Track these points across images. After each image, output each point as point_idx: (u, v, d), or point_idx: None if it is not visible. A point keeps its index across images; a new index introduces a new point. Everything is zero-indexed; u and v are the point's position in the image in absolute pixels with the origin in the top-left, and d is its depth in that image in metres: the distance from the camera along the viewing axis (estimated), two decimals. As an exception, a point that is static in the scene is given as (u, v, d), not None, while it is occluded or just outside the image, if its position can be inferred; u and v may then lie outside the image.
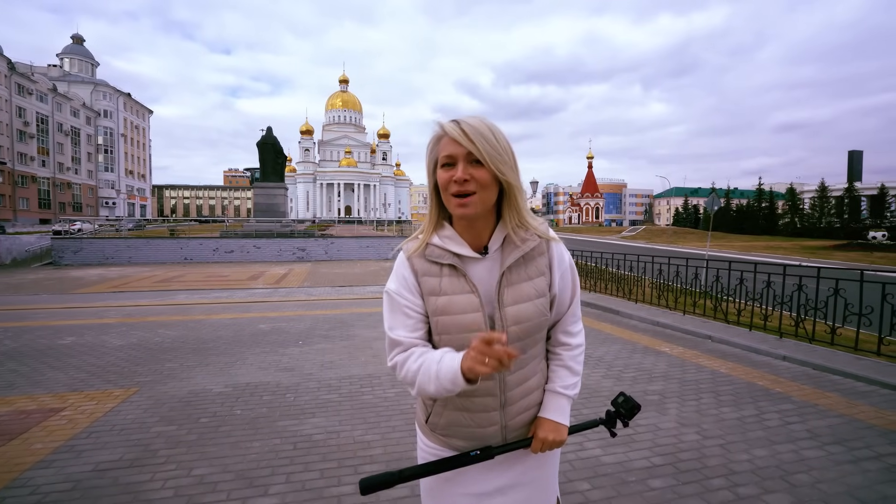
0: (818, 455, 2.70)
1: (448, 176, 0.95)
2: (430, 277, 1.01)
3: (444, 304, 0.99)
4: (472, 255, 1.01)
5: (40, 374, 4.29)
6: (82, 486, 2.38)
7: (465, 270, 1.00)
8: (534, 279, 1.02)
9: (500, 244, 1.03)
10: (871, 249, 33.78)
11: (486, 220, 1.01)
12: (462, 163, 0.94)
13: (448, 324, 0.99)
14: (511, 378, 1.03)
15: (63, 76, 61.16)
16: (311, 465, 2.59)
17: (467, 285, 0.99)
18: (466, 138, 0.92)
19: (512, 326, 0.98)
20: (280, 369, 4.45)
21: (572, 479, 2.43)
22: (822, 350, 4.86)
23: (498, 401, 1.03)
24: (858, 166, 71.50)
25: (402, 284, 1.04)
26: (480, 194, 0.95)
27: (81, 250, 18.38)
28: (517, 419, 1.06)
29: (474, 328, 0.97)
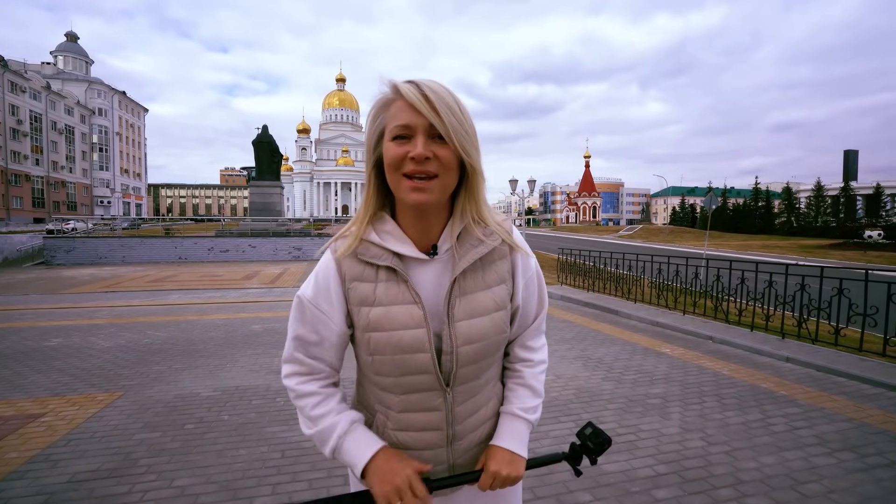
0: (828, 462, 2.59)
1: (402, 151, 0.74)
2: (361, 283, 0.81)
3: (377, 318, 0.78)
4: (418, 256, 0.81)
5: (22, 378, 4.14)
6: (56, 498, 2.25)
7: (408, 275, 0.80)
8: (492, 287, 0.83)
9: (451, 243, 0.82)
10: (867, 248, 33.88)
11: (438, 212, 0.81)
12: (422, 136, 0.73)
13: (382, 342, 0.78)
14: (460, 409, 0.84)
15: (57, 74, 60.65)
16: (299, 475, 2.46)
17: (409, 294, 0.79)
18: (429, 106, 0.72)
19: (463, 346, 0.79)
20: (271, 372, 4.32)
21: (573, 490, 2.31)
22: (826, 351, 4.77)
23: (444, 436, 0.84)
24: (854, 166, 71.83)
25: (322, 293, 0.83)
26: (442, 178, 0.75)
27: (74, 249, 18.17)
28: (468, 455, 0.87)
29: (416, 348, 0.78)
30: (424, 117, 0.72)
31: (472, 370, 0.82)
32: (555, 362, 4.62)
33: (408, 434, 0.84)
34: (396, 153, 0.74)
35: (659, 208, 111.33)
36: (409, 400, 0.82)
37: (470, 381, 0.83)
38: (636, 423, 3.14)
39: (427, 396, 0.82)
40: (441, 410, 0.82)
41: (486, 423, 0.89)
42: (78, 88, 61.51)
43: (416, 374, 0.79)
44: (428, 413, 0.82)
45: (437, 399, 0.82)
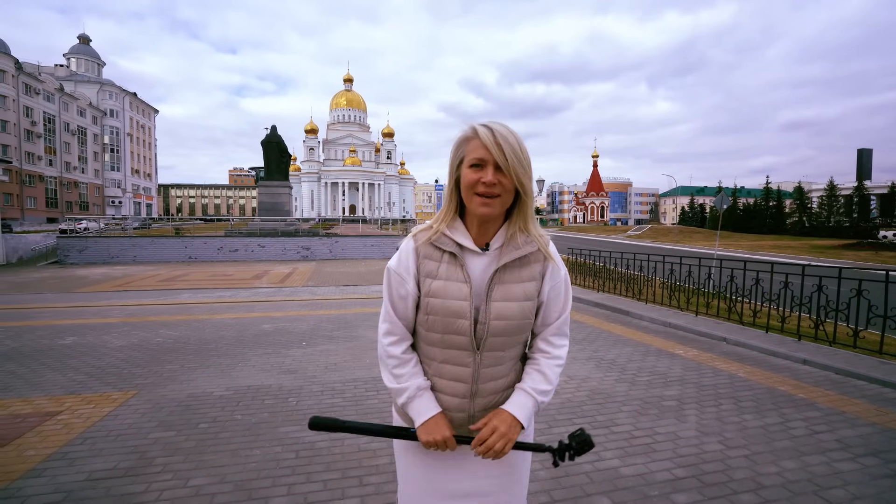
0: (852, 468, 2.53)
1: (476, 177, 1.00)
2: (430, 261, 1.08)
3: (437, 288, 1.05)
4: (474, 249, 1.07)
5: (39, 376, 4.19)
6: (73, 497, 2.26)
7: (464, 261, 1.06)
8: (525, 282, 1.06)
9: (501, 244, 1.07)
10: (881, 249, 33.26)
11: (495, 220, 1.07)
12: (491, 168, 1.00)
13: (437, 306, 1.05)
14: (485, 371, 1.08)
15: (70, 76, 61.52)
16: (314, 476, 2.46)
17: (462, 274, 1.05)
18: (499, 149, 0.99)
19: (494, 321, 1.03)
20: (283, 371, 4.33)
21: (590, 494, 2.28)
22: (845, 353, 4.68)
23: (469, 389, 1.08)
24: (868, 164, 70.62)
25: (402, 265, 1.11)
26: (504, 197, 1.02)
27: (86, 249, 18.40)
28: (485, 412, 1.09)
29: (460, 314, 1.03)
30: (493, 155, 0.99)
31: (499, 342, 1.06)
32: (567, 363, 4.56)
33: (442, 381, 1.10)
34: (473, 178, 1.02)
35: (668, 208, 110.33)
36: (448, 354, 1.08)
37: (496, 351, 1.07)
38: (652, 426, 3.10)
39: (462, 354, 1.07)
40: (470, 367, 1.07)
41: (502, 391, 1.11)
42: (90, 90, 62.34)
43: (457, 334, 1.05)
44: (460, 367, 1.08)
45: (468, 358, 1.07)
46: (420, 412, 1.08)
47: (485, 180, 0.99)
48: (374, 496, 2.26)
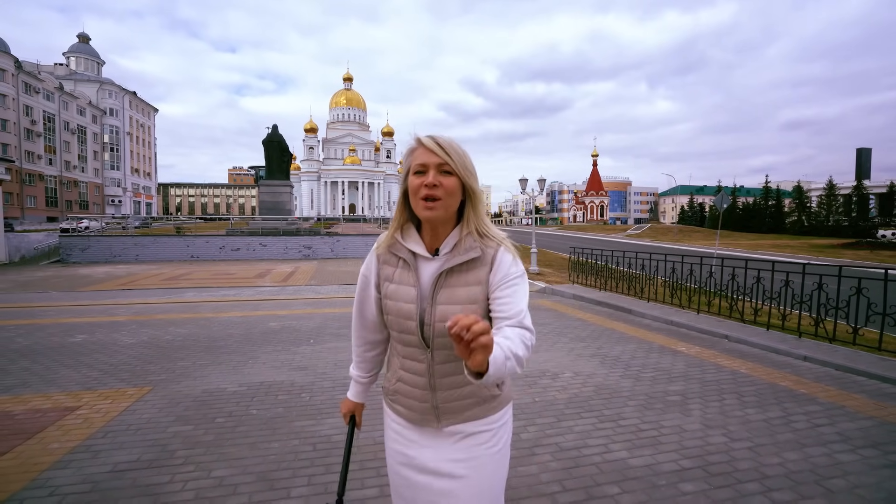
0: (853, 459, 2.62)
1: (419, 182, 1.05)
2: (388, 266, 1.17)
3: (392, 291, 1.14)
4: (425, 255, 1.13)
5: (53, 373, 4.26)
6: (101, 487, 2.34)
7: (417, 266, 1.13)
8: (470, 286, 1.09)
9: (451, 248, 1.11)
10: (880, 248, 33.39)
11: (446, 225, 1.12)
12: (433, 170, 1.05)
13: (391, 307, 1.14)
14: (440, 367, 1.12)
15: (69, 75, 61.44)
16: (333, 467, 2.54)
17: (412, 278, 1.11)
18: (441, 149, 1.05)
19: (438, 322, 1.08)
20: (293, 368, 4.41)
21: (600, 483, 2.36)
22: (845, 350, 4.77)
23: (428, 382, 1.13)
24: (867, 164, 70.74)
25: (367, 269, 1.24)
26: (445, 200, 1.06)
27: (89, 248, 18.44)
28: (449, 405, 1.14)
29: (408, 316, 1.11)
30: (437, 157, 1.05)
31: (447, 342, 1.08)
32: (572, 360, 4.66)
33: (406, 373, 1.18)
34: (416, 183, 1.07)
35: (667, 207, 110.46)
36: (406, 351, 1.16)
37: (448, 349, 1.10)
38: (657, 420, 3.18)
39: (416, 352, 1.14)
40: (424, 363, 1.13)
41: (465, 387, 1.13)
42: (90, 89, 62.28)
43: (408, 333, 1.13)
44: (416, 363, 1.15)
45: (421, 355, 1.13)
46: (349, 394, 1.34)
47: (426, 182, 1.03)
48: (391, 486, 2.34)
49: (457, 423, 1.14)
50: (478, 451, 1.13)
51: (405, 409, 1.18)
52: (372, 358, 1.31)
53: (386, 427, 1.26)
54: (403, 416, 1.19)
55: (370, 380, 1.34)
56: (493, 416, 1.16)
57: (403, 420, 1.19)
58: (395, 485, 1.21)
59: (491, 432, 1.15)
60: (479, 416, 1.14)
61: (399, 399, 1.20)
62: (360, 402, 1.34)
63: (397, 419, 1.21)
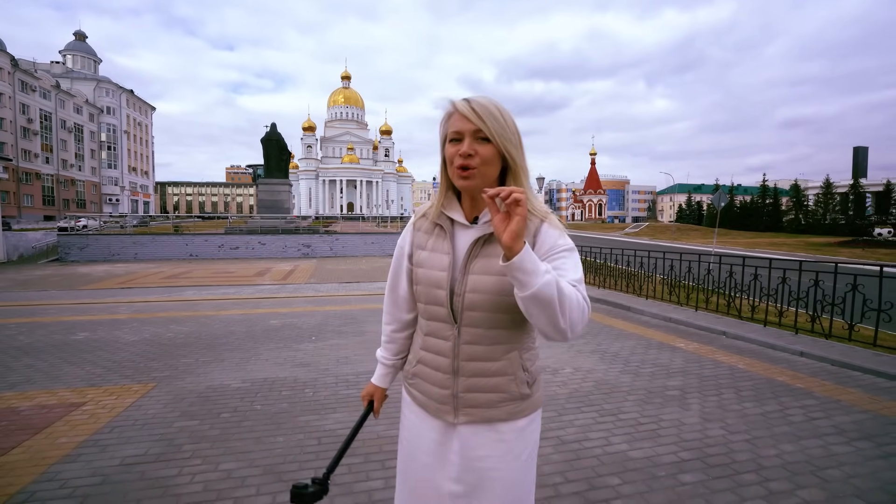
0: (847, 451, 2.67)
1: (454, 150, 0.99)
2: (422, 233, 1.13)
3: (424, 258, 1.09)
4: (463, 223, 1.07)
5: (57, 370, 4.29)
6: (111, 480, 2.38)
7: (453, 233, 1.08)
8: None
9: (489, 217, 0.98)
10: (877, 246, 33.58)
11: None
12: (468, 138, 0.97)
13: (421, 275, 1.09)
14: (466, 347, 1.04)
15: (66, 73, 61.18)
16: (338, 460, 2.57)
17: (447, 245, 1.06)
18: (475, 115, 0.96)
19: (469, 293, 1.01)
20: (296, 365, 4.45)
21: (601, 475, 2.41)
22: (841, 346, 4.83)
23: (451, 365, 1.06)
24: (864, 163, 70.97)
25: (403, 239, 1.19)
26: (481, 168, 0.98)
27: (87, 247, 18.42)
28: (471, 395, 1.04)
29: (439, 284, 1.05)
30: (472, 123, 0.97)
31: (477, 317, 1.02)
32: (572, 356, 4.71)
33: (427, 353, 1.11)
34: (450, 152, 1.01)
35: (665, 206, 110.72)
36: (432, 326, 1.10)
37: (475, 327, 1.03)
38: (657, 413, 3.23)
39: (442, 327, 1.07)
40: (450, 341, 1.06)
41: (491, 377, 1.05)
42: (87, 87, 62.03)
43: (436, 304, 1.06)
44: (441, 341, 1.08)
45: (448, 331, 1.06)
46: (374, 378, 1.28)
47: (461, 152, 0.96)
48: (396, 478, 2.39)
49: (474, 423, 1.04)
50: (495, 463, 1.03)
51: (422, 396, 1.12)
52: (401, 339, 1.23)
53: (402, 414, 1.21)
54: (420, 403, 1.13)
55: (397, 363, 1.25)
56: (518, 421, 1.06)
57: (419, 409, 1.14)
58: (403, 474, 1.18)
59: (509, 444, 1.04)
60: (501, 418, 1.04)
61: (417, 384, 1.14)
62: (382, 386, 1.26)
63: (414, 408, 1.16)
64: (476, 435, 1.04)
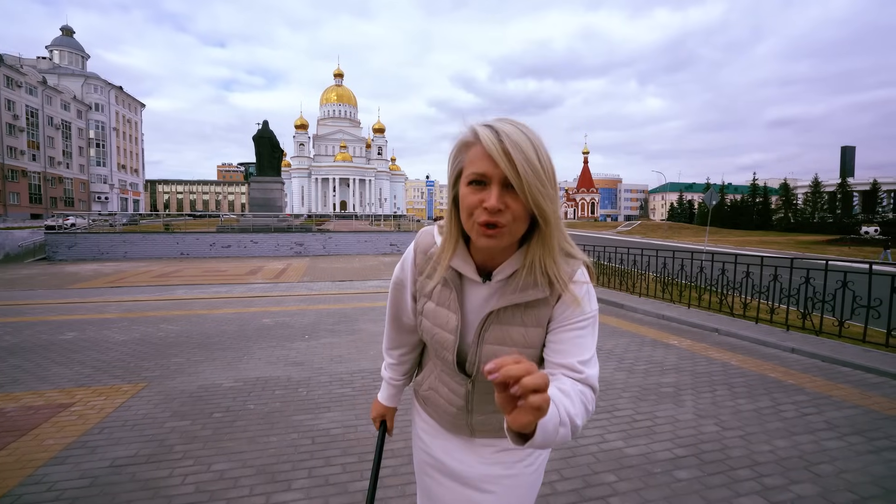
0: (839, 446, 2.70)
1: (477, 199, 0.77)
2: (426, 278, 0.97)
3: (430, 310, 0.97)
4: (474, 279, 0.90)
5: (44, 370, 4.21)
6: (100, 482, 2.33)
7: (461, 288, 0.92)
8: (528, 326, 0.88)
9: (508, 275, 0.87)
10: (864, 244, 34.13)
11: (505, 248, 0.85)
12: (496, 187, 0.75)
13: (427, 329, 0.98)
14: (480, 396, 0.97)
15: (53, 69, 60.14)
16: (333, 460, 2.55)
17: (454, 303, 0.92)
18: (506, 159, 0.73)
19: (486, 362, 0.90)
20: (289, 364, 4.41)
21: (598, 472, 2.41)
22: (831, 342, 4.89)
23: (465, 408, 0.99)
24: (851, 162, 72.07)
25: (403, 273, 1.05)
26: (511, 227, 0.78)
27: (76, 245, 18.16)
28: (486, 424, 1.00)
29: (445, 347, 0.94)
30: (500, 168, 0.74)
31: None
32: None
33: (442, 387, 1.03)
34: (472, 201, 0.78)
35: (657, 204, 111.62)
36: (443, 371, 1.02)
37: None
38: (651, 410, 3.24)
39: (454, 377, 0.99)
40: (463, 387, 0.99)
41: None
42: (74, 83, 61.05)
43: (446, 361, 0.97)
44: (455, 384, 1.00)
45: (460, 382, 0.99)
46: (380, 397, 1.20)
47: (487, 205, 0.75)
48: (391, 477, 2.37)
49: (492, 437, 1.01)
50: (512, 469, 1.01)
51: (437, 413, 1.06)
52: (407, 360, 1.17)
53: (414, 424, 1.14)
54: (434, 419, 1.07)
55: (404, 382, 1.19)
56: None
57: (434, 423, 1.07)
58: (422, 483, 1.12)
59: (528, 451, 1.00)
60: None
61: (430, 409, 1.07)
62: (392, 405, 1.19)
63: (428, 420, 1.09)
64: (494, 445, 1.02)
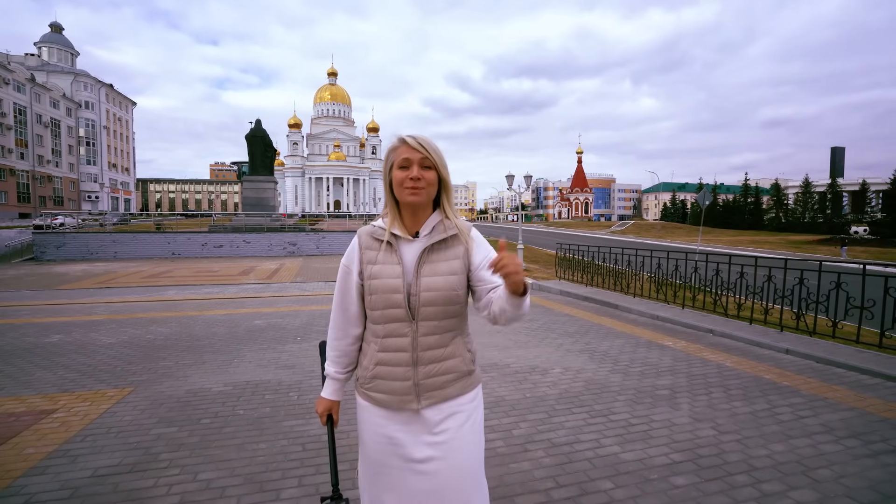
0: (836, 450, 2.68)
1: (404, 174, 1.21)
2: (370, 250, 1.27)
3: (376, 270, 1.24)
4: (406, 237, 1.26)
5: (28, 374, 4.10)
6: (81, 493, 2.25)
7: (398, 247, 1.25)
8: (449, 260, 1.24)
9: (429, 231, 1.26)
10: (853, 244, 34.50)
11: (424, 211, 1.27)
12: (416, 165, 1.21)
13: (377, 285, 1.23)
14: (423, 339, 1.22)
15: (41, 66, 59.21)
16: (323, 468, 2.49)
17: (395, 257, 1.23)
18: (423, 148, 1.21)
19: (424, 292, 1.20)
20: (280, 367, 4.33)
21: (594, 479, 2.37)
22: (825, 343, 4.89)
23: (410, 358, 1.22)
24: (841, 162, 72.87)
25: (348, 258, 1.32)
26: (427, 189, 1.23)
27: (64, 245, 17.88)
28: (430, 380, 1.23)
29: (395, 290, 1.21)
30: (420, 153, 1.21)
31: (432, 311, 1.22)
32: (561, 355, 4.68)
33: (387, 354, 1.25)
34: (401, 176, 1.22)
35: (650, 204, 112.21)
36: (390, 328, 1.24)
37: (430, 320, 1.22)
38: (647, 414, 3.21)
39: (400, 326, 1.23)
40: (408, 337, 1.23)
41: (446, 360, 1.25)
42: (63, 81, 60.14)
43: (394, 307, 1.22)
44: (400, 338, 1.23)
45: (406, 328, 1.23)
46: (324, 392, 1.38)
47: (412, 175, 1.20)
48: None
49: (435, 403, 1.23)
50: (456, 432, 1.23)
51: (384, 395, 1.24)
52: (353, 352, 1.36)
53: (362, 421, 1.30)
54: (382, 403, 1.24)
55: (347, 376, 1.38)
56: (468, 394, 1.28)
57: (382, 409, 1.25)
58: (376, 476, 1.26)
59: (466, 413, 1.26)
60: (456, 394, 1.25)
61: (378, 385, 1.25)
62: (336, 399, 1.38)
63: (376, 409, 1.26)
64: (438, 413, 1.23)
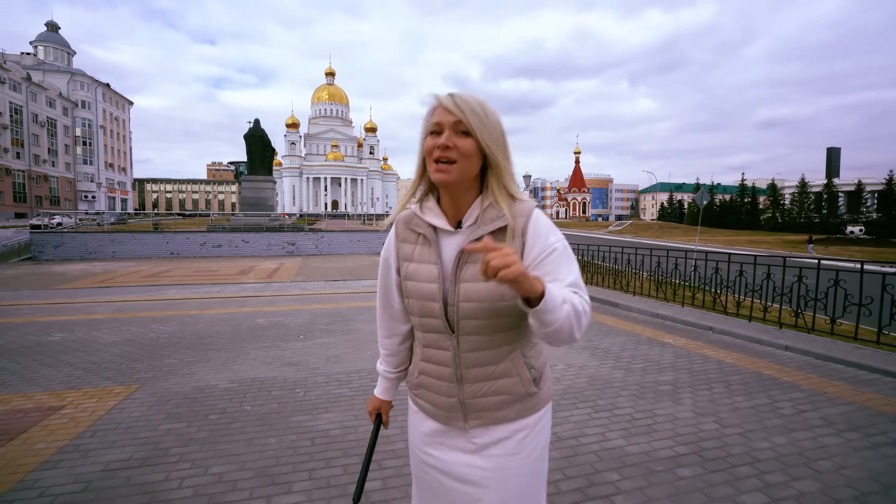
0: (837, 442, 2.73)
1: (433, 142, 0.95)
2: (407, 244, 1.07)
3: (412, 271, 1.04)
4: (446, 229, 1.02)
5: (33, 372, 4.11)
6: (94, 486, 2.27)
7: (438, 241, 1.02)
8: None
9: (474, 220, 1.00)
10: (849, 244, 34.75)
11: (467, 193, 1.01)
12: (448, 130, 0.94)
13: (412, 288, 1.04)
14: (467, 356, 1.01)
15: (37, 65, 58.96)
16: (333, 461, 2.52)
17: (434, 255, 1.01)
18: (457, 107, 0.94)
19: (464, 302, 0.97)
20: (285, 364, 4.35)
21: (600, 470, 2.41)
22: (823, 340, 4.95)
23: (454, 374, 1.02)
24: (837, 163, 73.27)
25: (386, 251, 1.14)
26: (461, 163, 0.95)
27: (63, 245, 17.82)
28: (478, 401, 1.01)
29: (431, 297, 1.00)
30: (453, 115, 0.94)
31: (473, 325, 0.98)
32: (563, 352, 4.72)
33: (429, 364, 1.07)
34: (429, 144, 0.97)
35: (647, 204, 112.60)
36: (430, 338, 1.05)
37: (476, 335, 0.99)
38: (651, 408, 3.25)
39: (440, 338, 1.03)
40: (449, 351, 1.02)
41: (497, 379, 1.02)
42: (60, 80, 59.89)
43: (431, 317, 1.01)
44: (441, 351, 1.04)
45: (446, 341, 1.02)
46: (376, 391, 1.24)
47: (439, 143, 0.93)
48: (394, 478, 2.34)
49: (485, 425, 1.02)
50: (507, 461, 1.01)
51: (430, 406, 1.08)
52: (403, 351, 1.20)
53: (410, 421, 1.17)
54: (429, 413, 1.09)
55: (399, 375, 1.22)
56: (528, 417, 1.03)
57: (430, 419, 1.09)
58: (419, 480, 1.13)
59: (518, 440, 1.02)
60: (512, 417, 1.02)
61: (423, 394, 1.10)
62: (387, 399, 1.23)
63: (422, 416, 1.11)
64: (487, 436, 1.02)
